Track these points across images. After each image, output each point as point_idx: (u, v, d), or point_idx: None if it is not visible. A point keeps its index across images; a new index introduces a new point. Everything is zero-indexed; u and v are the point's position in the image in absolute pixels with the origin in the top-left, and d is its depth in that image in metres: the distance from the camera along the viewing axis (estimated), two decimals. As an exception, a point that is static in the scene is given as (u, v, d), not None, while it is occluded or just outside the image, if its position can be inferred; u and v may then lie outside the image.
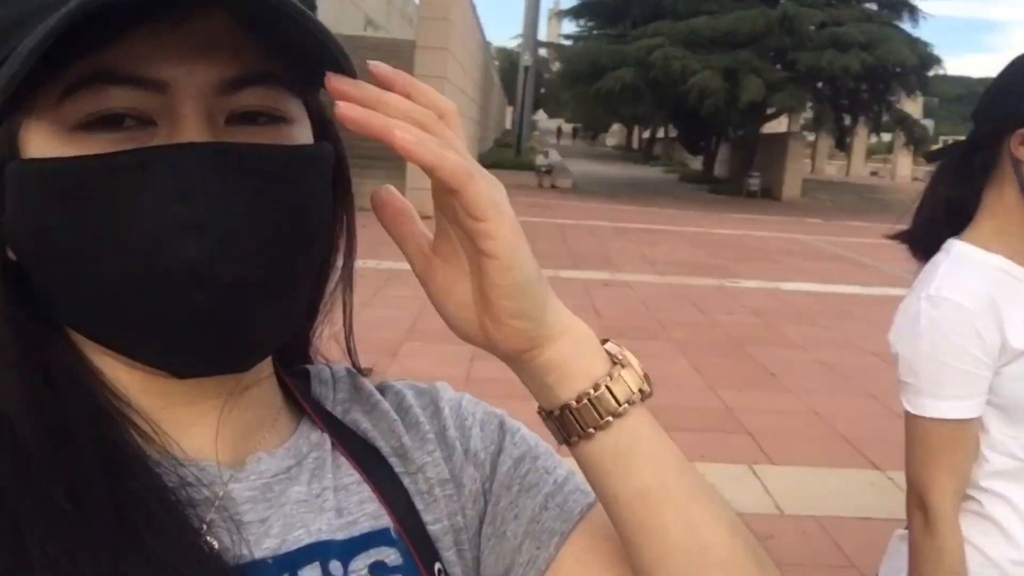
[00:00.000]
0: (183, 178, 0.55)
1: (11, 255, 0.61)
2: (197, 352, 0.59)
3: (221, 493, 0.64)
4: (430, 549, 0.71)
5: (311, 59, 0.58)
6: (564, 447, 0.65)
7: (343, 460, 0.71)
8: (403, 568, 0.69)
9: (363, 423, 0.74)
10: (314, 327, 0.75)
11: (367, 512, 0.69)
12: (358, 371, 0.78)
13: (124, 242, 0.56)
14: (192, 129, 0.57)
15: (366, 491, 0.70)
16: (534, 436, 0.78)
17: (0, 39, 0.57)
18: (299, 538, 0.65)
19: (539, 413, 0.66)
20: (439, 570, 0.70)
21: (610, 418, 0.62)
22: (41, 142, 0.57)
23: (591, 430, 0.62)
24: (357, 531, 0.68)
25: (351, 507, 0.69)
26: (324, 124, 0.67)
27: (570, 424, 0.63)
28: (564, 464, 0.76)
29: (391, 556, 0.69)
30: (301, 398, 0.73)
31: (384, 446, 0.73)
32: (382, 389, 0.78)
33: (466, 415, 0.77)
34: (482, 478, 0.75)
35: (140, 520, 0.57)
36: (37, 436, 0.57)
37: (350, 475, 0.71)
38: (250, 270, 0.58)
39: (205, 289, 0.56)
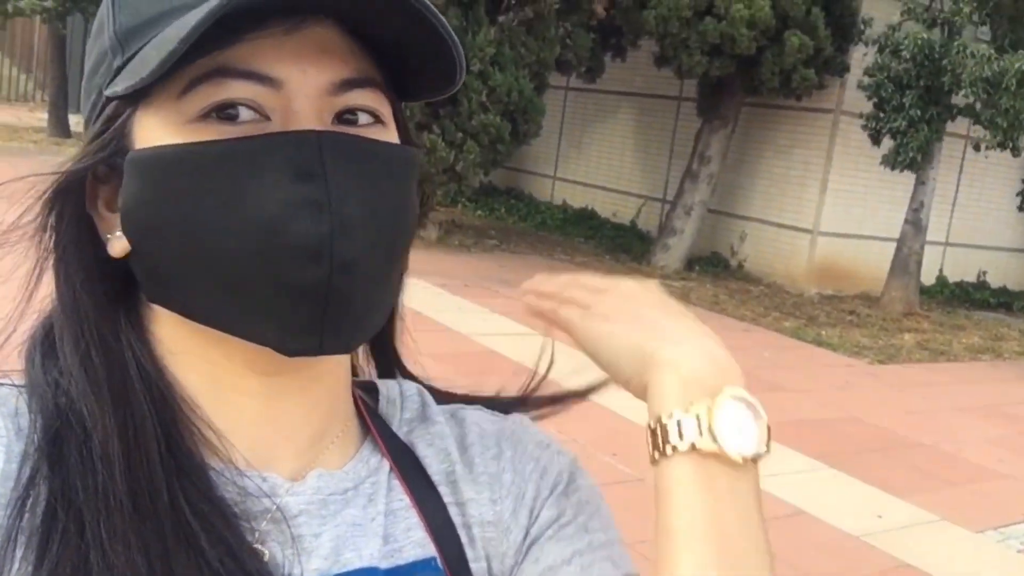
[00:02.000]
0: (305, 160, 0.59)
1: (110, 251, 0.65)
2: (307, 329, 0.61)
3: (278, 503, 0.66)
4: None
5: (410, 64, 0.65)
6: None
7: (396, 483, 0.72)
8: None
9: (420, 446, 0.75)
10: (395, 332, 0.79)
11: (413, 540, 0.70)
12: (431, 389, 0.80)
13: (245, 220, 0.59)
14: (304, 124, 0.61)
15: (414, 517, 0.71)
16: (595, 491, 0.77)
17: (123, 41, 0.62)
18: (350, 560, 0.67)
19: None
20: None
21: (657, 454, 0.64)
22: (157, 134, 0.61)
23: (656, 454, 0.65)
24: (402, 560, 0.69)
25: (398, 534, 0.70)
26: (406, 130, 0.71)
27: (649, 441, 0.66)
28: (613, 533, 0.75)
29: None
30: (369, 417, 0.74)
31: (435, 473, 0.73)
32: (453, 416, 0.78)
33: (529, 459, 0.76)
34: (528, 525, 0.74)
35: (197, 526, 0.60)
36: (106, 434, 0.61)
37: (400, 500, 0.71)
38: (362, 252, 0.61)
39: (321, 266, 0.59)
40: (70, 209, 0.65)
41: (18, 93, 21.85)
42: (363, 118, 0.64)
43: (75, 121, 16.37)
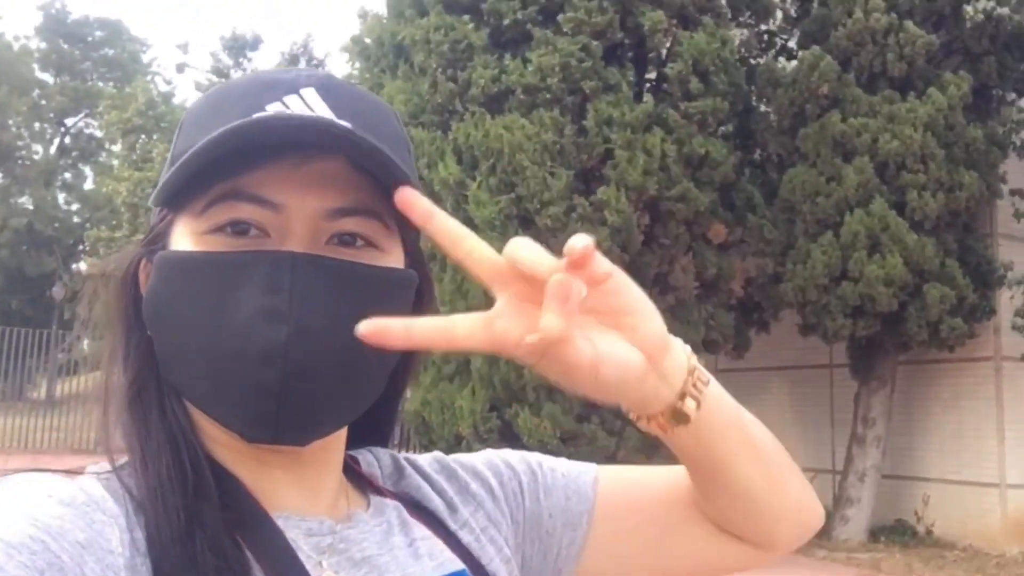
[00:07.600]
0: (276, 276, 0.69)
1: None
2: (262, 422, 0.70)
3: (338, 538, 0.76)
4: None
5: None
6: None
7: (411, 520, 0.83)
8: None
9: (411, 491, 0.87)
10: (397, 417, 0.91)
11: (447, 557, 0.82)
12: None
13: (222, 322, 0.69)
14: (297, 243, 0.71)
15: (439, 543, 0.83)
16: (527, 453, 0.96)
17: (172, 162, 0.73)
18: (416, 572, 0.78)
19: (655, 416, 0.76)
20: None
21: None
22: (183, 239, 0.73)
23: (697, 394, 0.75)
24: (445, 571, 0.80)
25: (436, 553, 0.81)
26: (416, 257, 0.80)
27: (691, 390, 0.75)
28: (558, 459, 0.96)
29: None
30: (364, 473, 0.85)
31: (436, 507, 0.86)
32: (411, 463, 0.90)
33: (478, 467, 0.92)
34: (511, 508, 0.90)
35: (269, 569, 0.69)
36: (176, 499, 0.69)
37: (422, 531, 0.83)
38: (318, 359, 0.69)
39: (275, 369, 0.68)
40: (129, 290, 0.78)
41: None
42: (359, 242, 0.73)
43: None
